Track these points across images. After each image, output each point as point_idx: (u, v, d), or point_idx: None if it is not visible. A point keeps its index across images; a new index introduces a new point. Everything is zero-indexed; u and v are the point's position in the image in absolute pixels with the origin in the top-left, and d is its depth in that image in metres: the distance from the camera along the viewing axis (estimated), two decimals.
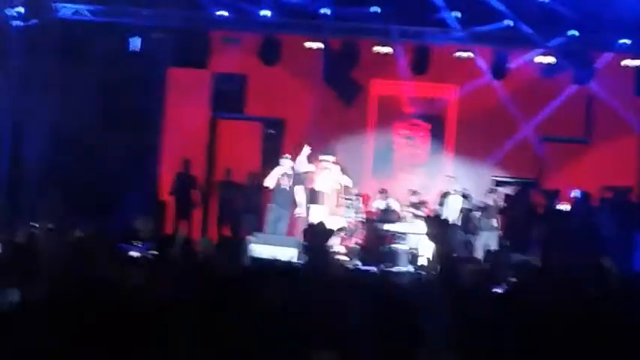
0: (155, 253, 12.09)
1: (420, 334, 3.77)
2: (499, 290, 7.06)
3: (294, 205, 12.92)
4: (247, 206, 14.31)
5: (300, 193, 12.39)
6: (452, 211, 13.72)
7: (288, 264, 7.40)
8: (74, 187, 14.24)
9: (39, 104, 14.35)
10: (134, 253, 12.67)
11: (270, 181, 12.25)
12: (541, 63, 15.18)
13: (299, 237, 13.03)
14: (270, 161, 14.62)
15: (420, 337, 3.75)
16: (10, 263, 5.91)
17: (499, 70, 15.20)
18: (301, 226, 14.54)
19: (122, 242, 11.10)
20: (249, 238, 12.04)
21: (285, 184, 12.19)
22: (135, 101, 14.96)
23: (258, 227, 13.86)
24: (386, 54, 15.28)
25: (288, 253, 10.87)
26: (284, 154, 13.80)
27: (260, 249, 11.23)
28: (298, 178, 12.41)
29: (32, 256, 6.94)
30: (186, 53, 15.67)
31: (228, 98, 16.20)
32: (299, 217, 13.03)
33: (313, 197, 13.12)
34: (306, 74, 15.70)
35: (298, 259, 10.99)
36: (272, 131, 16.19)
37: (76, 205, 13.25)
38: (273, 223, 12.33)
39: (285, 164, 12.23)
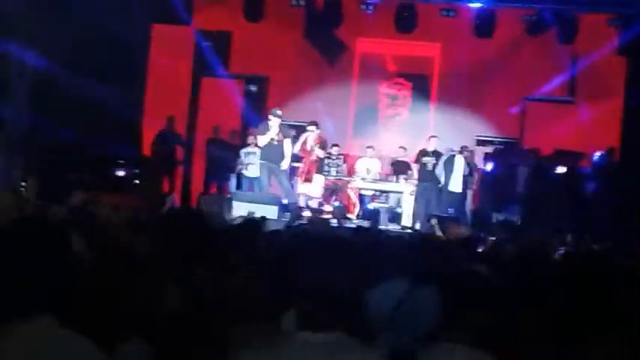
0: (137, 171, 12.73)
1: None
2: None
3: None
4: (234, 164, 14.31)
5: (288, 146, 12.21)
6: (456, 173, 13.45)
7: None
8: (57, 142, 14.17)
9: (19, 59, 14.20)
10: (121, 172, 13.23)
11: (263, 141, 12.05)
12: (526, 22, 15.14)
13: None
14: (251, 119, 14.57)
15: None
16: None
17: (484, 29, 15.12)
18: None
19: None
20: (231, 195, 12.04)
21: (276, 139, 12.02)
22: (118, 57, 14.83)
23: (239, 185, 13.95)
24: (370, 12, 15.18)
25: (268, 211, 10.82)
26: (267, 110, 13.54)
27: (240, 206, 11.23)
28: (286, 131, 12.27)
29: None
30: (169, 9, 15.51)
31: (212, 55, 16.09)
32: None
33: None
34: (290, 32, 15.59)
35: (278, 217, 10.98)
36: (254, 88, 16.12)
37: (59, 160, 13.23)
38: (266, 178, 12.18)
39: (275, 121, 12.01)
